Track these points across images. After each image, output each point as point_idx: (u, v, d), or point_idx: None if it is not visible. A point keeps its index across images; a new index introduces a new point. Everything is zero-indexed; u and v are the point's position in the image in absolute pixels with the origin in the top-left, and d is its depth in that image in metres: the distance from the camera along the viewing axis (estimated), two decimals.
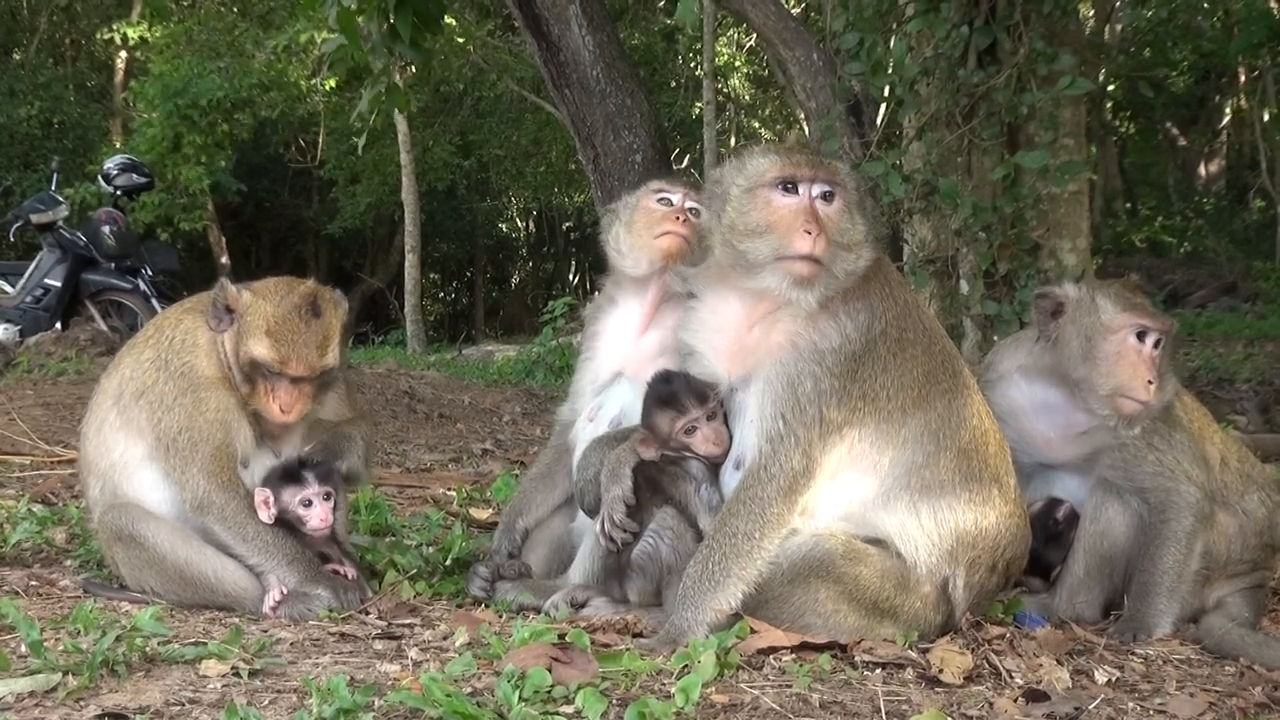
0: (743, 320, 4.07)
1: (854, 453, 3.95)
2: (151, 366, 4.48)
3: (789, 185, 3.97)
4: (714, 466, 4.19)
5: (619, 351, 4.67)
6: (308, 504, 4.43)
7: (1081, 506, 4.71)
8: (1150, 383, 4.49)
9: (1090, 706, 3.50)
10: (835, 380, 3.90)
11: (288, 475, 4.45)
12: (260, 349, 4.41)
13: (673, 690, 3.28)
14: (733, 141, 29.20)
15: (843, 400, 3.90)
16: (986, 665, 3.85)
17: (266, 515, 4.39)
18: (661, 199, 4.63)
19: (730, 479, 4.11)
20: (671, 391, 4.17)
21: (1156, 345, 4.55)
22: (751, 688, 3.45)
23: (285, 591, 4.29)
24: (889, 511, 3.99)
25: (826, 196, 3.98)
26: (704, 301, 4.18)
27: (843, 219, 3.99)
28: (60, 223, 14.62)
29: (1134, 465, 4.55)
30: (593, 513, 4.37)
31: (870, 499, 3.99)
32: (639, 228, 4.61)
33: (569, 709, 3.17)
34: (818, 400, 3.88)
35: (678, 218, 4.54)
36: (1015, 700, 3.52)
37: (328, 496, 4.47)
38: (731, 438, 4.16)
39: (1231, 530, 4.65)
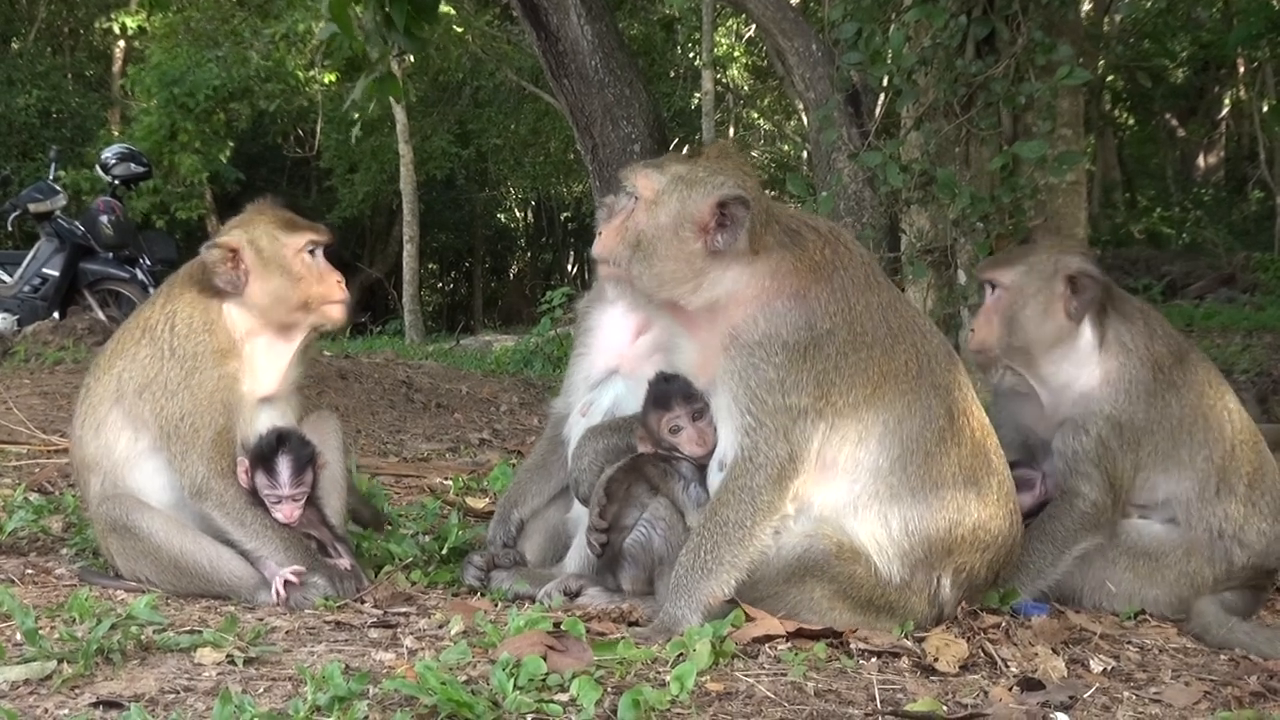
0: (683, 329, 4.19)
1: (821, 449, 3.94)
2: (151, 359, 4.45)
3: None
4: (702, 467, 4.21)
5: (613, 349, 4.68)
6: (276, 501, 4.43)
7: None
8: (972, 330, 4.77)
9: (1085, 695, 3.51)
10: (780, 370, 3.89)
11: (265, 464, 4.42)
12: (300, 237, 4.57)
13: (668, 678, 3.28)
14: (731, 132, 29.18)
15: (801, 386, 3.89)
16: (982, 654, 3.86)
17: (245, 481, 4.41)
18: None
19: (714, 480, 4.10)
20: (663, 391, 4.22)
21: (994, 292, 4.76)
22: (746, 676, 3.46)
23: (287, 589, 4.28)
24: (859, 520, 3.97)
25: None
26: (674, 334, 4.28)
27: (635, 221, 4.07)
28: (58, 212, 14.60)
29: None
30: (587, 502, 4.39)
31: (841, 505, 3.97)
32: None
33: (564, 697, 3.17)
34: (773, 390, 3.88)
35: None
36: (1010, 689, 3.53)
37: (298, 498, 4.46)
38: (718, 439, 4.16)
39: (1234, 558, 4.61)
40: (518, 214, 39.68)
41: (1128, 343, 4.63)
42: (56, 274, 14.20)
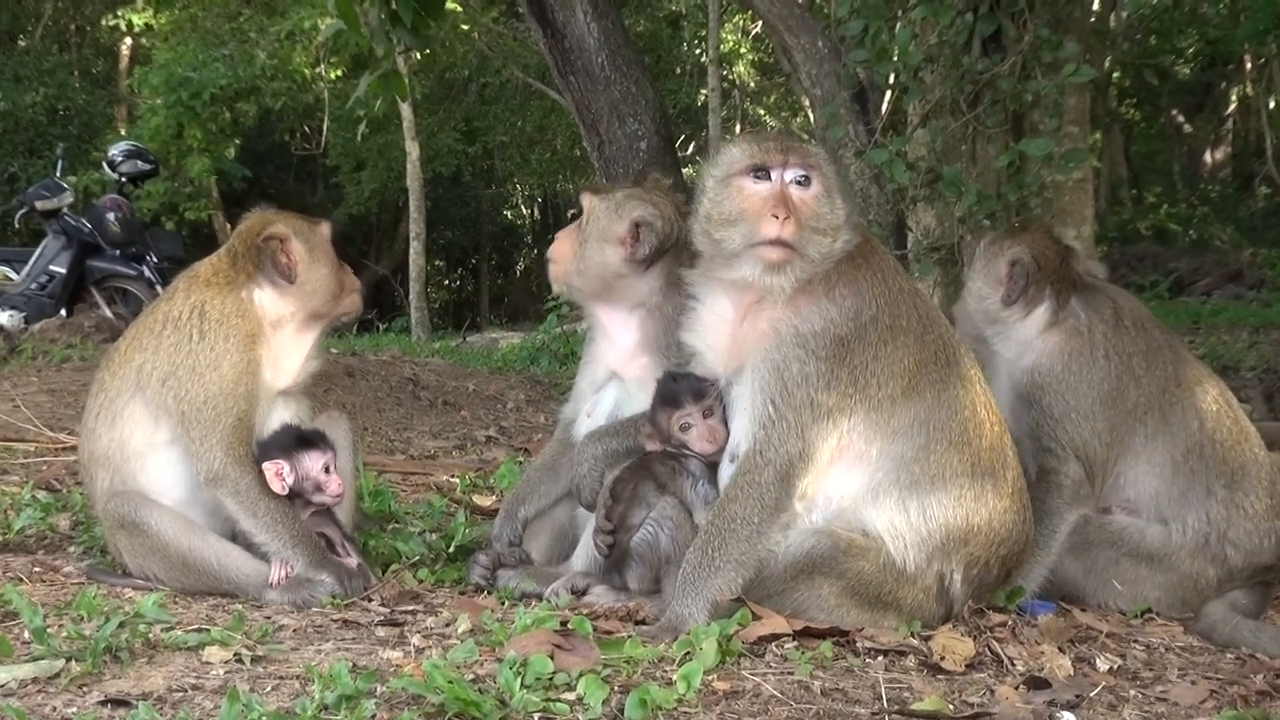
0: (733, 314, 4.13)
1: (843, 443, 3.95)
2: (177, 347, 4.46)
3: (760, 172, 4.03)
4: (711, 465, 4.21)
5: (612, 355, 4.72)
6: (327, 470, 4.49)
7: None
8: None
9: (1092, 694, 3.51)
10: (822, 364, 3.91)
11: (304, 442, 4.49)
12: (325, 227, 4.82)
13: (674, 677, 3.29)
14: (737, 129, 29.14)
15: (832, 384, 3.91)
16: (988, 653, 3.86)
17: (280, 486, 4.42)
18: None
19: (725, 473, 4.12)
20: (673, 390, 4.24)
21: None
22: (753, 675, 3.46)
23: (290, 571, 4.30)
24: (877, 508, 3.98)
25: (802, 181, 4.03)
26: (700, 300, 4.23)
27: (818, 203, 4.03)
28: (65, 209, 14.63)
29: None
30: (589, 506, 4.43)
31: (860, 494, 3.98)
32: None
33: (570, 696, 3.18)
34: (805, 384, 3.89)
35: None
36: (1017, 688, 3.53)
37: (339, 469, 4.56)
38: (729, 435, 4.17)
39: (1230, 559, 4.61)
40: (524, 211, 39.70)
41: (1080, 326, 4.73)
42: (63, 271, 14.23)
